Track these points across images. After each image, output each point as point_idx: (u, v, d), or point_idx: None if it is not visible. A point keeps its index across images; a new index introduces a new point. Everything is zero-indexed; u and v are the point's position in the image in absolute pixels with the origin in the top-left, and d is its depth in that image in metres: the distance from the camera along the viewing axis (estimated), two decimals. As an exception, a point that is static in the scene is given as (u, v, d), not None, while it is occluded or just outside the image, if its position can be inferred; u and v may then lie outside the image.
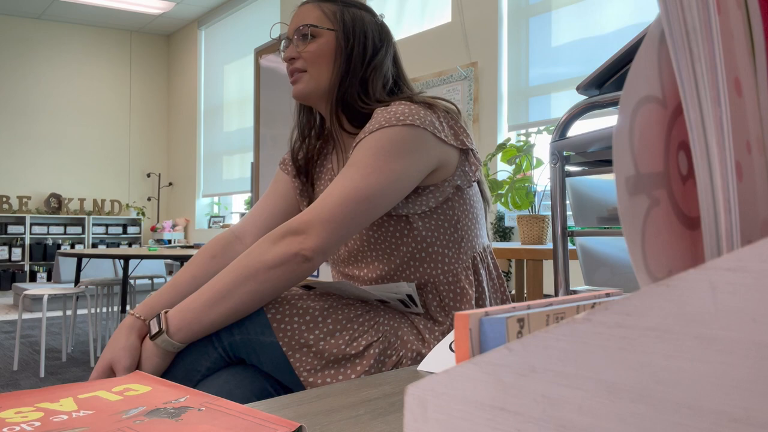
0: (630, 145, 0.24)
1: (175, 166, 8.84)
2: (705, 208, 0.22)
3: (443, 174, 1.01)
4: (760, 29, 0.24)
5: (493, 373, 0.22)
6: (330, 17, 1.07)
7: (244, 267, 0.88)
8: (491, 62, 4.31)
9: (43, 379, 3.25)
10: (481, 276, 1.06)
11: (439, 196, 1.01)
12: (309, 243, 0.88)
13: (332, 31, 1.06)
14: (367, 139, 0.95)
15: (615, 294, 0.33)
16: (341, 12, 1.07)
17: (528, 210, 2.45)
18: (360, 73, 1.06)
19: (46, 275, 7.73)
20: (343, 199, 0.90)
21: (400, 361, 0.94)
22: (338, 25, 1.06)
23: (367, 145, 0.95)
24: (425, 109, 0.99)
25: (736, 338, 0.17)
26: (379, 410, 0.48)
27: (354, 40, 1.06)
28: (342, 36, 1.06)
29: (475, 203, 1.06)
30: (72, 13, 7.88)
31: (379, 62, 1.07)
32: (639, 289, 0.19)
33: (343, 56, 1.05)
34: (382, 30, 1.10)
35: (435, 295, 1.02)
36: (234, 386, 0.89)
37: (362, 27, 1.07)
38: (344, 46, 1.05)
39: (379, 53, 1.07)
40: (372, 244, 1.03)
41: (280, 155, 2.75)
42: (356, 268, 1.07)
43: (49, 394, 0.43)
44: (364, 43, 1.06)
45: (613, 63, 0.79)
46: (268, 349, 0.90)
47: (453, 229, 1.02)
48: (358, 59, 1.06)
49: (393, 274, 1.02)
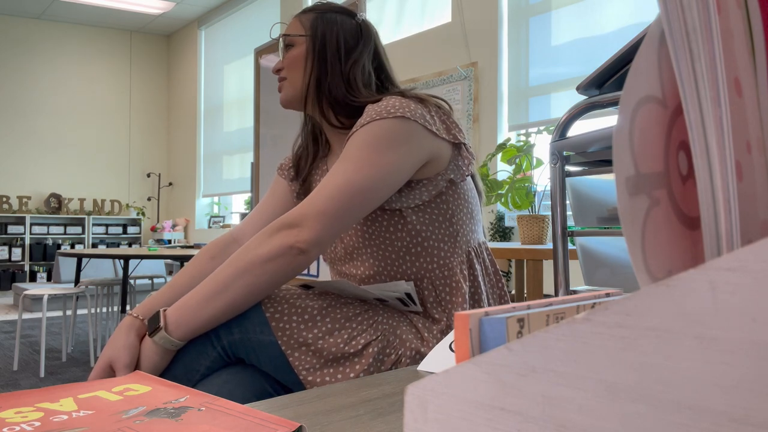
0: (630, 145, 0.24)
1: (175, 166, 8.84)
2: (705, 208, 0.22)
3: (436, 167, 1.01)
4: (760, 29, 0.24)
5: (493, 373, 0.22)
6: (305, 25, 1.13)
7: (240, 261, 0.89)
8: (491, 62, 4.31)
9: (43, 379, 3.25)
10: (476, 270, 1.06)
11: (432, 189, 1.01)
12: (303, 235, 0.88)
13: (304, 37, 1.12)
14: (358, 133, 0.97)
15: (615, 294, 0.33)
16: (315, 19, 1.13)
17: (528, 210, 2.45)
18: (338, 68, 1.09)
19: (46, 275, 7.73)
20: (336, 192, 0.91)
21: (399, 360, 0.94)
22: (309, 30, 1.12)
23: (359, 139, 0.96)
24: (416, 103, 1.01)
25: (736, 338, 0.17)
26: (379, 410, 0.48)
27: (324, 41, 1.10)
28: (311, 40, 1.11)
29: (470, 198, 1.07)
30: (72, 13, 7.88)
31: (356, 59, 1.10)
32: (639, 289, 0.19)
33: (315, 57, 1.10)
34: (360, 28, 1.14)
35: (431, 290, 1.02)
36: (234, 386, 0.89)
37: (334, 28, 1.11)
38: (314, 48, 1.10)
39: (354, 50, 1.11)
40: (367, 240, 1.03)
41: (281, 155, 2.75)
42: (353, 266, 1.08)
43: (49, 394, 0.43)
44: (336, 41, 1.10)
45: (613, 63, 0.79)
46: (267, 348, 0.90)
47: (448, 223, 1.03)
48: (334, 58, 1.10)
49: (389, 270, 1.03)
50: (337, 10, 1.15)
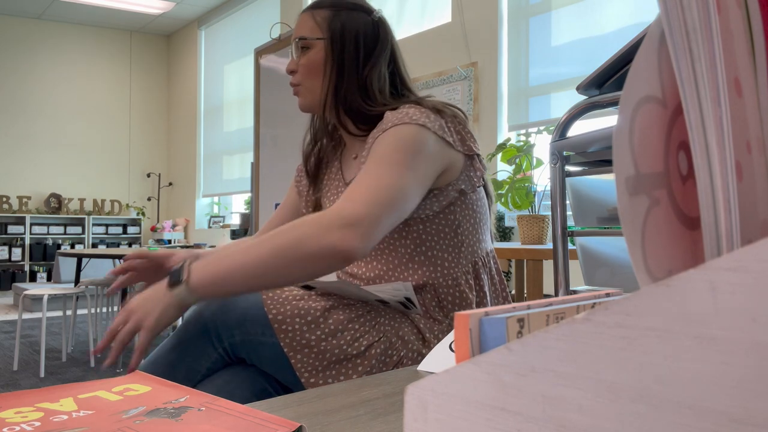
0: (630, 145, 0.24)
1: (175, 166, 8.84)
2: (705, 208, 0.22)
3: (448, 178, 1.01)
4: (760, 29, 0.24)
5: (493, 373, 0.22)
6: (321, 25, 1.07)
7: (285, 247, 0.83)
8: (491, 62, 4.31)
9: (43, 379, 3.25)
10: (482, 281, 1.05)
11: (443, 200, 1.01)
12: (357, 242, 0.83)
13: (321, 40, 1.07)
14: (385, 137, 0.95)
15: (615, 294, 0.33)
16: (331, 18, 1.07)
17: (528, 210, 2.45)
18: (355, 76, 1.06)
19: (46, 275, 7.73)
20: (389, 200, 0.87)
21: (401, 361, 0.94)
22: (327, 32, 1.06)
23: (388, 142, 0.94)
24: (434, 113, 1.00)
25: (736, 338, 0.17)
26: (379, 410, 0.48)
27: (343, 46, 1.06)
28: (330, 44, 1.06)
29: (478, 208, 1.06)
30: (72, 13, 7.88)
31: (374, 63, 1.06)
32: (639, 289, 0.19)
33: (334, 64, 1.06)
34: (378, 28, 1.09)
35: (434, 296, 1.02)
36: (234, 386, 0.89)
37: (353, 30, 1.06)
38: (333, 54, 1.06)
39: (373, 54, 1.07)
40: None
41: (281, 155, 2.75)
42: (356, 267, 1.07)
43: (49, 394, 0.43)
44: (356, 46, 1.06)
45: (613, 63, 0.79)
46: (269, 349, 0.90)
47: (453, 234, 1.02)
48: (351, 64, 1.05)
49: (393, 274, 1.03)
50: (352, 6, 1.09)
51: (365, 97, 1.06)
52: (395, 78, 1.11)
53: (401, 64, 1.12)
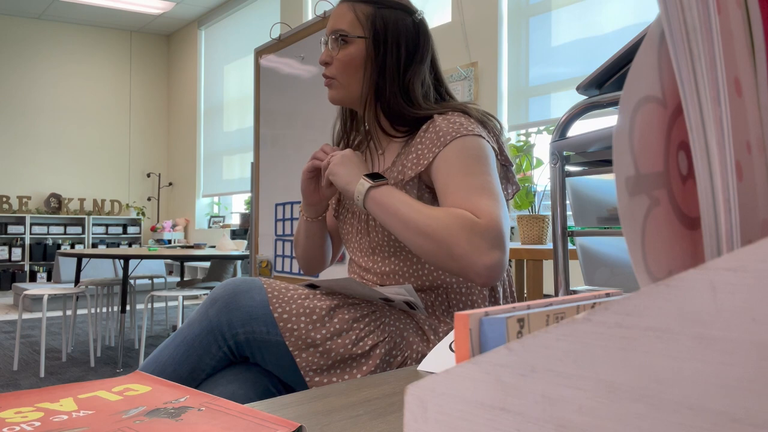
0: (630, 145, 0.24)
1: (175, 166, 8.84)
2: (705, 208, 0.22)
3: None
4: (760, 29, 0.24)
5: (493, 373, 0.22)
6: (362, 22, 1.05)
7: (447, 240, 0.86)
8: (491, 62, 4.31)
9: (43, 379, 3.25)
10: (498, 293, 1.06)
11: None
12: (496, 273, 0.87)
13: (363, 39, 1.05)
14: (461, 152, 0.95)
15: (615, 294, 0.33)
16: (374, 15, 1.04)
17: (528, 210, 2.45)
18: (398, 80, 1.04)
19: (46, 275, 7.73)
20: (502, 218, 0.89)
21: (405, 362, 0.94)
22: (369, 31, 1.04)
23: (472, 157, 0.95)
24: (480, 124, 1.01)
25: (736, 338, 0.17)
26: (379, 410, 0.48)
27: (386, 48, 1.04)
28: (372, 44, 1.04)
29: None
30: (72, 13, 7.88)
31: (416, 68, 1.05)
32: (639, 289, 0.19)
33: (374, 65, 1.04)
34: (418, 31, 1.07)
35: (444, 299, 1.01)
36: (237, 386, 0.89)
37: (395, 32, 1.04)
38: (375, 55, 1.04)
39: (414, 59, 1.05)
40: (393, 240, 1.02)
41: (281, 155, 2.75)
42: (372, 261, 1.07)
43: (49, 394, 0.43)
44: (398, 50, 1.04)
45: (613, 63, 0.79)
46: (273, 348, 0.89)
47: None
48: (393, 67, 1.04)
49: (407, 271, 1.03)
50: (393, 4, 1.06)
51: (407, 101, 1.05)
52: (438, 84, 1.10)
53: (439, 65, 1.11)
